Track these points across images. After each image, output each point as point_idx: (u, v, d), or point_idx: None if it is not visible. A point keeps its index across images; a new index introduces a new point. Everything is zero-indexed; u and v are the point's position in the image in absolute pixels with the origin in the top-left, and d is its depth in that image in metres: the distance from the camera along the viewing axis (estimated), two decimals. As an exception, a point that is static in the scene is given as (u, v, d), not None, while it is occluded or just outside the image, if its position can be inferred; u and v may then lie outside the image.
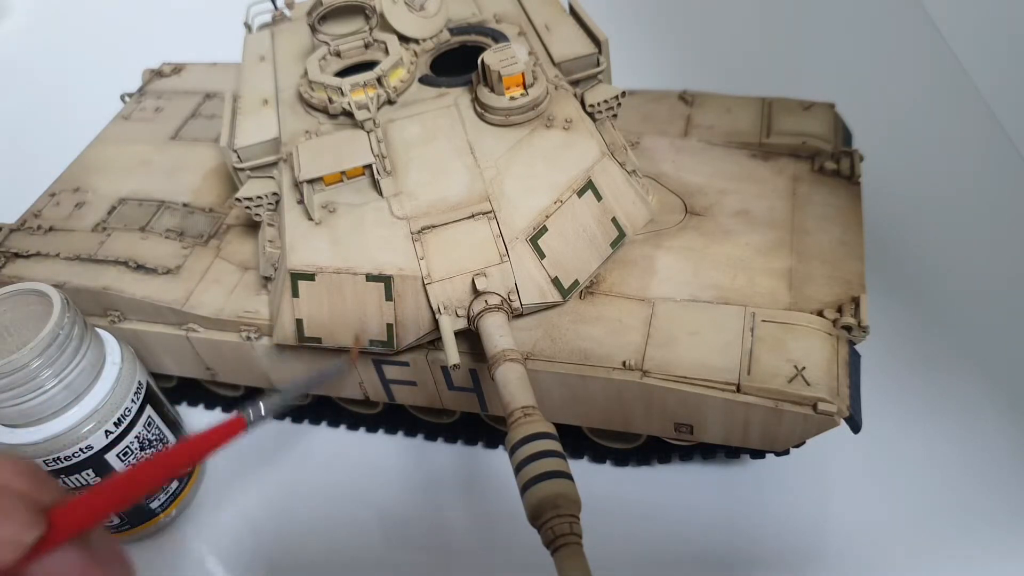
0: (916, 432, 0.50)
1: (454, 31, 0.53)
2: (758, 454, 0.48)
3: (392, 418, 0.54)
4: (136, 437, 0.46)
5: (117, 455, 0.46)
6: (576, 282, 0.45)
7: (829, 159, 0.51)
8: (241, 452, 0.54)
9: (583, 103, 0.49)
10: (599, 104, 0.48)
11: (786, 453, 0.45)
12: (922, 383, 0.53)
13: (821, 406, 0.39)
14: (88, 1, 1.08)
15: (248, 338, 0.48)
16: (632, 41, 0.70)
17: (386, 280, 0.43)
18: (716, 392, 0.40)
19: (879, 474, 0.49)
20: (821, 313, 0.43)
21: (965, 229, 0.62)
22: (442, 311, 0.42)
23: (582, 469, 0.50)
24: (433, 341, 0.45)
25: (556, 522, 0.30)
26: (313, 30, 0.49)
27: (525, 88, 0.45)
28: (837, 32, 0.85)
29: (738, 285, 0.45)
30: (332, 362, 0.44)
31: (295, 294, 0.44)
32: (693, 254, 0.47)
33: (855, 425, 0.40)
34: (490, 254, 0.43)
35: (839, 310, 0.43)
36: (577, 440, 0.50)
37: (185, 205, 0.56)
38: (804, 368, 0.40)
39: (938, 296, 0.58)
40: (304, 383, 0.44)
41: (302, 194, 0.44)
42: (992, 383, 0.52)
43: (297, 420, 0.57)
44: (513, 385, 0.37)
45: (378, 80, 0.47)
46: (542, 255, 0.44)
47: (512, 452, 0.34)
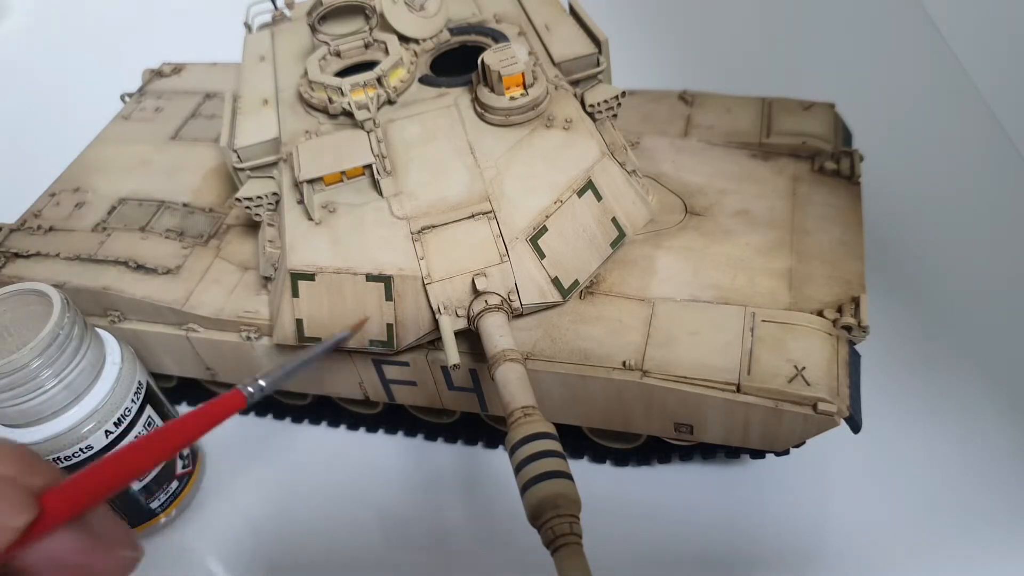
0: (916, 432, 0.50)
1: (454, 31, 0.53)
2: (758, 454, 0.48)
3: (392, 418, 0.54)
4: (136, 437, 0.46)
5: (117, 455, 0.46)
6: (576, 282, 0.45)
7: (829, 159, 0.51)
8: (241, 452, 0.55)
9: (583, 103, 0.49)
10: (599, 104, 0.48)
11: (786, 453, 0.45)
12: (922, 383, 0.53)
13: (821, 406, 0.39)
14: (88, 1, 1.08)
15: (248, 338, 0.48)
16: (632, 41, 0.70)
17: (386, 280, 0.43)
18: (716, 392, 0.40)
19: (879, 474, 0.49)
20: (821, 313, 0.43)
21: (965, 229, 0.62)
22: (442, 311, 0.42)
23: (582, 469, 0.50)
24: (433, 341, 0.45)
25: (556, 522, 0.30)
26: (313, 30, 0.49)
27: (525, 88, 0.45)
28: (837, 32, 0.85)
29: (738, 285, 0.45)
30: (333, 335, 0.42)
31: (295, 294, 0.44)
32: (693, 254, 0.47)
33: (855, 425, 0.40)
34: (490, 254, 0.43)
35: (839, 310, 0.43)
36: (577, 440, 0.50)
37: (185, 205, 0.56)
38: (804, 368, 0.40)
39: (938, 296, 0.58)
40: (307, 358, 0.40)
41: (302, 194, 0.44)
42: (992, 383, 0.52)
43: (297, 420, 0.57)
44: (513, 385, 0.37)
45: (378, 80, 0.47)
46: (542, 255, 0.44)
47: (512, 452, 0.34)
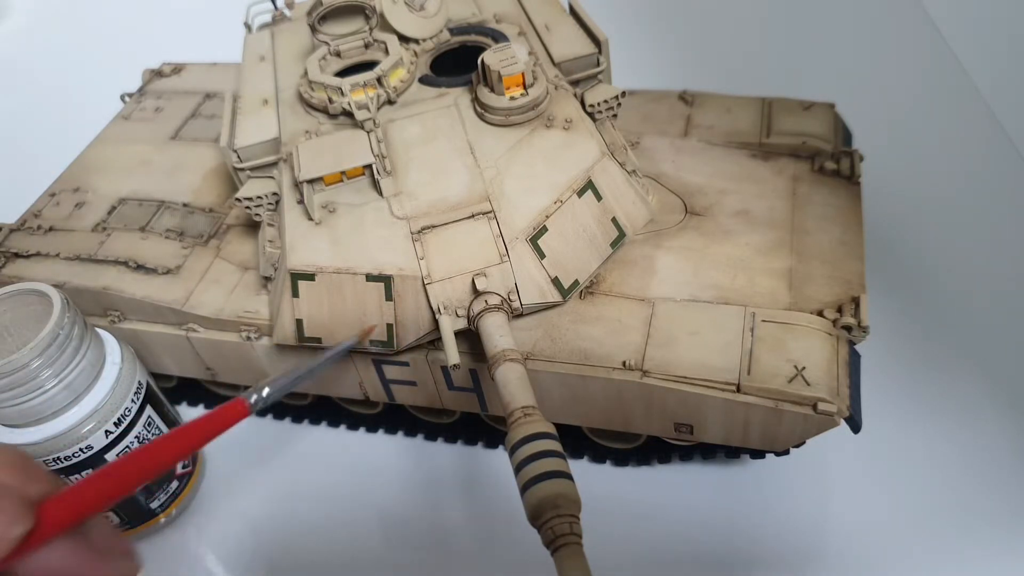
0: (916, 432, 0.50)
1: (454, 31, 0.53)
2: (758, 454, 0.48)
3: (392, 418, 0.54)
4: (136, 437, 0.46)
5: (117, 455, 0.46)
6: (576, 282, 0.45)
7: (829, 159, 0.51)
8: (241, 452, 0.55)
9: (583, 103, 0.49)
10: (599, 104, 0.48)
11: (786, 453, 0.45)
12: (922, 383, 0.53)
13: (821, 406, 0.39)
14: (88, 1, 1.08)
15: (248, 338, 0.48)
16: (632, 41, 0.70)
17: (386, 280, 0.43)
18: (716, 392, 0.40)
19: (879, 474, 0.49)
20: (821, 313, 0.43)
21: (965, 229, 0.62)
22: (442, 311, 0.42)
23: (582, 469, 0.50)
24: (433, 341, 0.45)
25: (556, 522, 0.30)
26: (313, 30, 0.49)
27: (525, 88, 0.45)
28: (837, 32, 0.85)
29: (738, 285, 0.45)
30: (338, 344, 0.43)
31: (295, 294, 0.44)
32: (693, 254, 0.47)
33: (855, 425, 0.40)
34: (490, 254, 0.43)
35: (839, 310, 0.43)
36: (577, 440, 0.50)
37: (185, 205, 0.56)
38: (804, 368, 0.40)
39: (938, 296, 0.58)
40: (311, 367, 0.41)
41: (302, 194, 0.44)
42: (992, 383, 0.52)
43: (297, 420, 0.57)
44: (513, 385, 0.37)
45: (378, 80, 0.47)
46: (542, 255, 0.44)
47: (512, 452, 0.34)
